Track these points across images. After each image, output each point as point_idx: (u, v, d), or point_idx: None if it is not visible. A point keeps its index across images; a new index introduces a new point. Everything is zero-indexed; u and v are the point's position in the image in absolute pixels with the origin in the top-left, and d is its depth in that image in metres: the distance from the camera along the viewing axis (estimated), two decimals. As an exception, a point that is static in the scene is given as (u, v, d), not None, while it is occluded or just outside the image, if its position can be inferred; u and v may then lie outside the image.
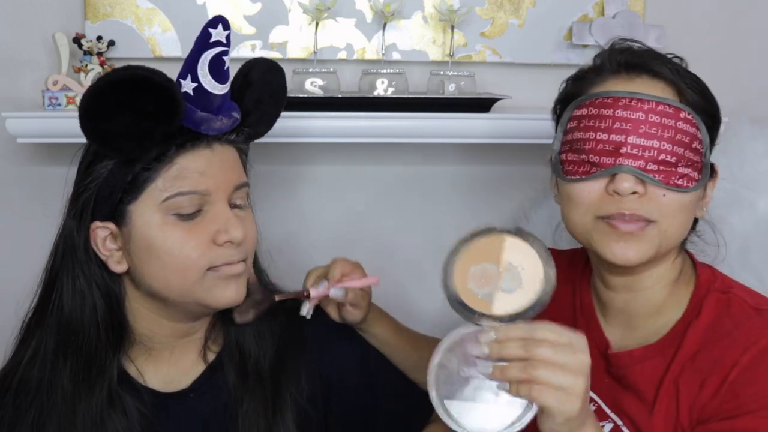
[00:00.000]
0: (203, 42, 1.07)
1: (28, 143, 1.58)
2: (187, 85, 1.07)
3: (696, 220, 1.14)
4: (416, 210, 1.79)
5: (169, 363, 1.15)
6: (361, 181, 1.77)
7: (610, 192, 1.05)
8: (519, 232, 0.96)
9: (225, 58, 1.08)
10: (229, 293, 1.09)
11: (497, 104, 1.62)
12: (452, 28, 1.66)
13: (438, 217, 1.78)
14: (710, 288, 1.10)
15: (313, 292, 1.17)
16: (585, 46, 1.73)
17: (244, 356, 1.16)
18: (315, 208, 1.76)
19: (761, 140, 1.55)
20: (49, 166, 1.62)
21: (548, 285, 0.93)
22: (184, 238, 1.06)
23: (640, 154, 1.04)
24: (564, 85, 1.17)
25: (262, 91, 1.17)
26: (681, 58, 1.14)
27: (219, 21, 1.08)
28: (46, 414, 1.08)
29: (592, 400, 1.13)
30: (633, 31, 1.69)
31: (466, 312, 0.93)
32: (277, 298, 1.15)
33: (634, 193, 1.04)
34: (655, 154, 1.04)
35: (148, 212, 1.06)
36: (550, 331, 0.89)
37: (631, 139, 1.04)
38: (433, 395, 0.92)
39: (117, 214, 1.07)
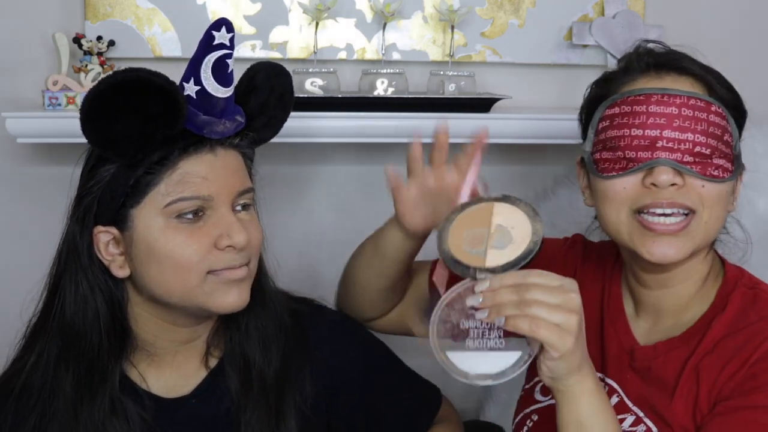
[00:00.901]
0: (206, 45, 1.06)
1: (28, 143, 1.58)
2: (190, 89, 1.06)
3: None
4: (416, 210, 1.79)
5: (171, 368, 1.15)
6: (361, 181, 1.77)
7: (647, 185, 1.06)
8: (506, 198, 1.02)
9: (228, 61, 1.07)
10: (230, 298, 1.08)
11: (497, 104, 1.62)
12: (452, 28, 1.66)
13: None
14: (737, 284, 1.12)
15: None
16: (585, 46, 1.73)
17: (249, 364, 1.15)
18: (315, 208, 1.76)
19: (761, 140, 1.55)
20: (49, 166, 1.62)
21: (537, 236, 0.98)
22: (185, 241, 1.05)
23: (676, 147, 1.05)
24: (589, 89, 1.19)
25: (268, 95, 1.15)
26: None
27: (222, 23, 1.06)
28: (48, 420, 1.07)
29: (614, 391, 1.14)
30: (633, 31, 1.69)
31: (461, 268, 0.98)
32: (445, 296, 1.03)
33: (672, 185, 1.05)
34: (691, 147, 1.05)
35: (150, 216, 1.05)
36: (541, 276, 0.94)
37: (667, 133, 1.06)
38: (435, 348, 0.97)
39: (119, 219, 1.07)
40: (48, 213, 1.13)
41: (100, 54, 1.52)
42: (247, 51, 1.63)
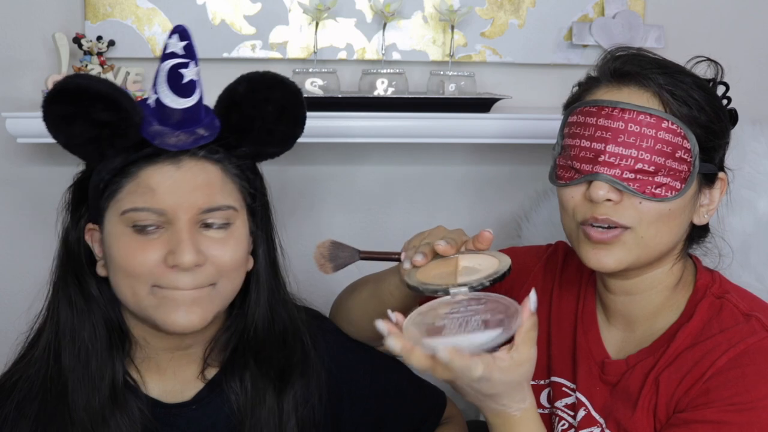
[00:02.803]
0: (162, 53, 1.03)
1: (28, 143, 1.58)
2: (152, 97, 1.04)
3: (704, 228, 1.15)
4: (415, 210, 1.79)
5: (169, 373, 1.14)
6: (361, 181, 1.77)
7: (587, 198, 1.07)
8: (469, 249, 1.05)
9: (183, 70, 1.02)
10: (177, 318, 1.03)
11: (497, 104, 1.62)
12: (452, 28, 1.66)
13: (437, 217, 1.78)
14: (706, 292, 1.11)
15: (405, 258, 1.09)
16: (585, 46, 1.73)
17: (251, 377, 1.13)
18: (314, 208, 1.76)
19: (761, 140, 1.55)
20: (49, 166, 1.62)
21: (504, 263, 1.01)
22: (134, 252, 1.02)
23: (616, 162, 1.05)
24: (573, 89, 1.19)
25: (259, 108, 1.08)
26: (717, 63, 1.15)
27: (175, 31, 1.02)
28: (49, 417, 1.07)
29: (582, 405, 1.15)
30: (633, 31, 1.69)
31: (432, 287, 0.99)
32: (360, 256, 1.08)
33: (608, 200, 1.06)
34: (632, 163, 1.05)
35: (112, 222, 1.04)
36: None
37: (610, 148, 1.06)
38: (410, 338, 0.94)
39: (100, 218, 1.06)
40: (48, 213, 1.13)
41: (100, 54, 1.52)
42: (247, 51, 1.63)
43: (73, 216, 1.10)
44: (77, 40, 1.51)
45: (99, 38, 1.53)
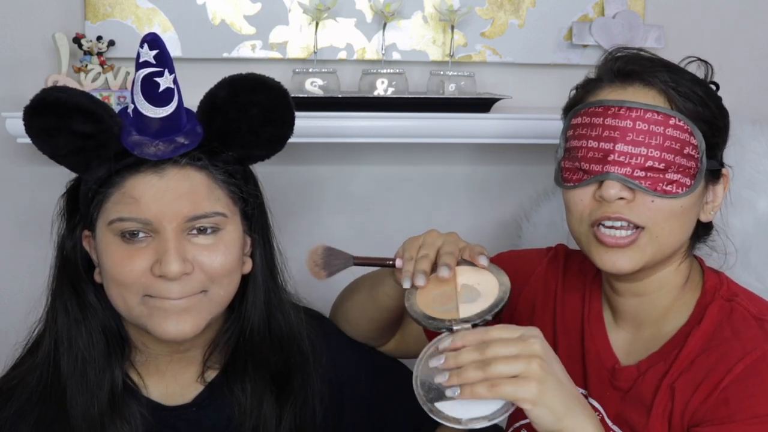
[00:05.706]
0: (136, 62, 1.02)
1: (28, 143, 1.57)
2: (130, 106, 1.04)
3: (709, 225, 1.15)
4: (415, 210, 1.79)
5: (169, 376, 1.13)
6: (360, 181, 1.77)
7: (597, 198, 1.07)
8: (465, 260, 1.06)
9: (158, 79, 1.01)
10: (168, 327, 1.03)
11: (497, 104, 1.62)
12: (452, 28, 1.66)
13: (437, 216, 1.78)
14: (715, 295, 1.10)
15: (399, 263, 1.09)
16: (585, 46, 1.73)
17: (251, 379, 1.13)
18: (313, 209, 1.76)
19: (761, 140, 1.55)
20: (50, 167, 1.60)
21: (504, 286, 1.03)
22: (121, 261, 1.02)
23: (627, 161, 1.05)
24: (571, 92, 1.18)
25: (244, 111, 1.06)
26: (707, 63, 1.14)
27: (145, 40, 1.01)
28: (49, 420, 1.07)
29: (596, 411, 1.13)
30: (633, 31, 1.70)
31: (436, 323, 1.00)
32: (355, 262, 1.07)
33: (621, 199, 1.05)
34: (642, 161, 1.05)
35: (102, 230, 1.05)
36: (501, 330, 0.95)
37: (619, 147, 1.05)
38: (421, 399, 0.97)
39: (92, 226, 1.07)
40: (48, 213, 1.13)
41: (100, 54, 1.52)
42: (247, 51, 1.63)
43: (68, 224, 1.10)
44: (77, 40, 1.51)
45: (99, 38, 1.53)
